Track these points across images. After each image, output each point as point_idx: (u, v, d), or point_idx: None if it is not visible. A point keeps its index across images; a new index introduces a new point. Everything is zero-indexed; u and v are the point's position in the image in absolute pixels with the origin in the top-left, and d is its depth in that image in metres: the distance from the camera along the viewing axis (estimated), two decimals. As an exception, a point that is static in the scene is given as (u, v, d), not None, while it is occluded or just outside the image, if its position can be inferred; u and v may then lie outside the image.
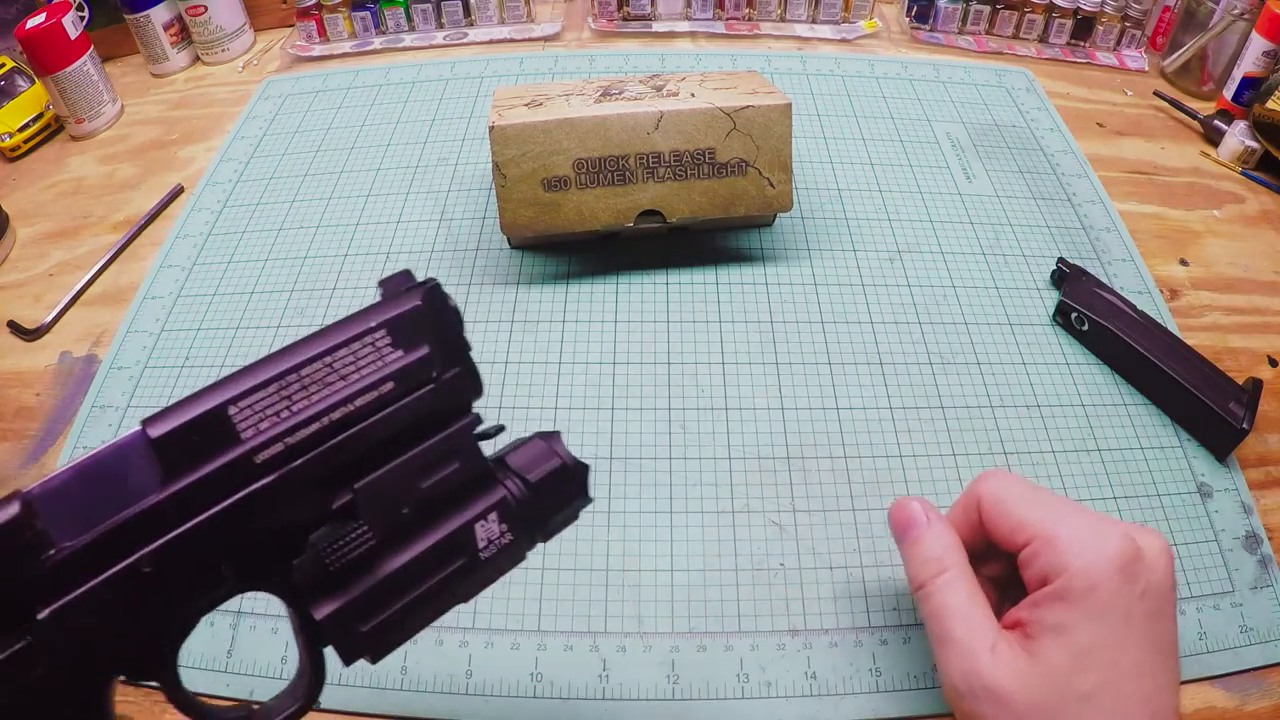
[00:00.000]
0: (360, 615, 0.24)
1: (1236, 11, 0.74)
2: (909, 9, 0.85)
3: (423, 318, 0.25)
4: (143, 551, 0.22)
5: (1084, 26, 0.83)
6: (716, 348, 0.55)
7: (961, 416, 0.51)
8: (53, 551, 0.21)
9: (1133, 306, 0.54)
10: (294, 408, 0.23)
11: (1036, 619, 0.32)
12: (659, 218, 0.55)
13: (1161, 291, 0.60)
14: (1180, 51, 0.79)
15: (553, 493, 0.28)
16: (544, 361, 0.54)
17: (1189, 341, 0.53)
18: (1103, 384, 0.54)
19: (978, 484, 0.36)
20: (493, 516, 0.26)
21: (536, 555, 0.45)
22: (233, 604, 0.42)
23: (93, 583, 0.21)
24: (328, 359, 0.24)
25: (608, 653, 0.42)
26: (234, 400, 0.22)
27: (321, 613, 0.24)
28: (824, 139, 0.70)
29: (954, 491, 0.48)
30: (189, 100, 0.80)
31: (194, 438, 0.22)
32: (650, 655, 0.42)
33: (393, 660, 0.41)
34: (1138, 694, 0.31)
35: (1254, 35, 0.72)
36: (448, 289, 0.26)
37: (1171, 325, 0.57)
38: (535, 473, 0.27)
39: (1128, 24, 0.82)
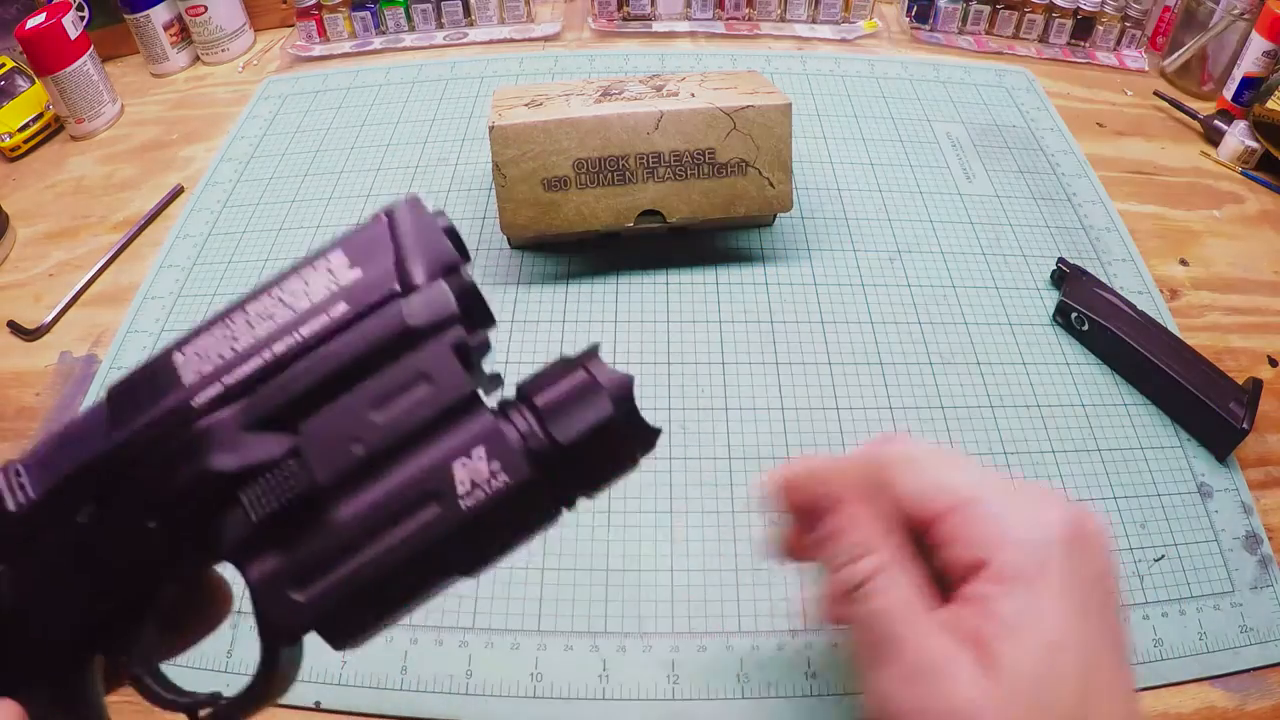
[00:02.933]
0: (300, 578, 0.20)
1: (1236, 11, 0.74)
2: (909, 9, 0.85)
3: (387, 230, 0.22)
4: (82, 504, 0.21)
5: (1084, 26, 0.83)
6: (716, 348, 0.55)
7: (961, 416, 0.51)
8: (12, 509, 0.21)
9: (1133, 306, 0.54)
10: (238, 346, 0.21)
11: (982, 614, 0.24)
12: (659, 218, 0.55)
13: (1161, 291, 0.60)
14: (1180, 51, 0.79)
15: (572, 421, 0.22)
16: (544, 361, 0.53)
17: (1189, 341, 0.53)
18: (1103, 384, 0.54)
19: (879, 446, 0.28)
20: (478, 452, 0.20)
21: (536, 555, 0.45)
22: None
23: (41, 538, 0.21)
24: (275, 290, 0.22)
25: (608, 653, 0.42)
26: (180, 345, 0.21)
27: (253, 574, 0.20)
28: (824, 139, 0.70)
29: (954, 491, 0.48)
30: (189, 100, 0.80)
31: (140, 386, 0.21)
32: (650, 655, 0.42)
33: (392, 660, 0.41)
34: (1121, 711, 0.24)
35: (1254, 35, 0.72)
36: None
37: (1171, 325, 0.57)
38: (546, 396, 0.22)
39: (1128, 24, 0.82)
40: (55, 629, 0.21)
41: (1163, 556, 0.46)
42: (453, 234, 0.22)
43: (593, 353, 0.23)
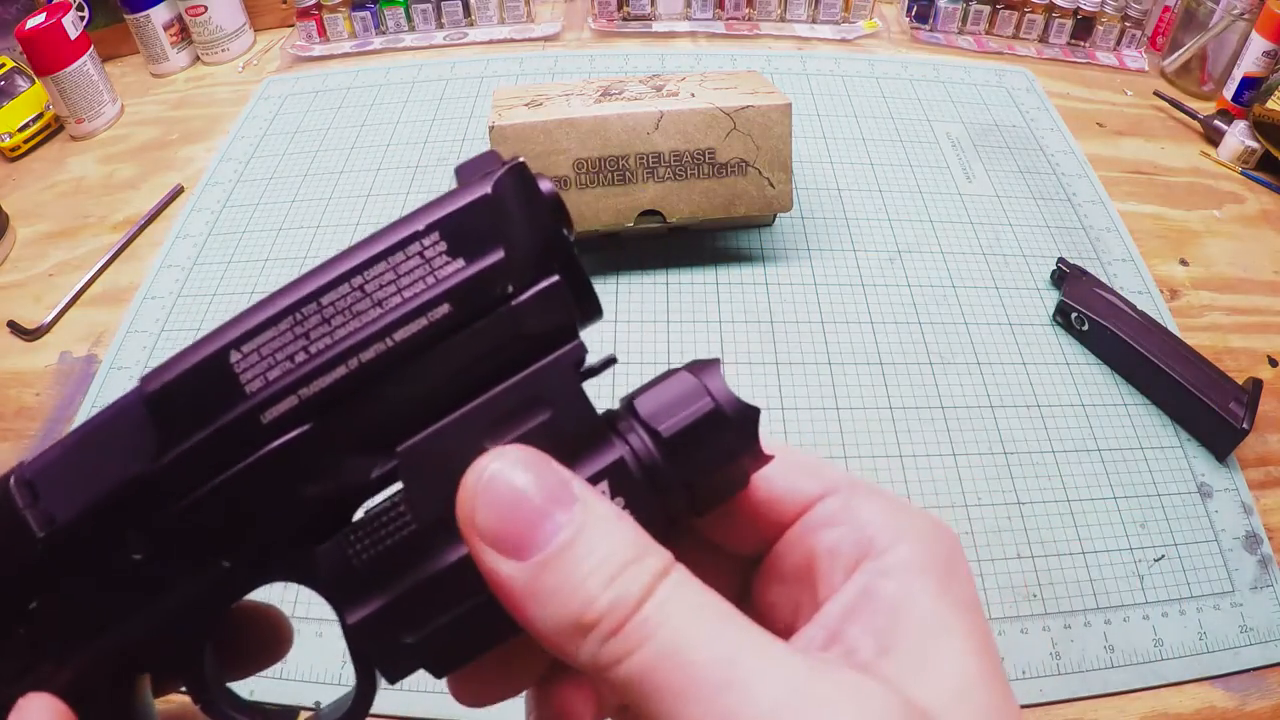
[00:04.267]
0: (407, 622, 0.18)
1: (1236, 11, 0.74)
2: (909, 9, 0.85)
3: (494, 212, 0.18)
4: (132, 535, 0.18)
5: (1084, 26, 0.83)
6: (717, 348, 0.55)
7: (961, 416, 0.51)
8: (44, 533, 0.18)
9: (1133, 306, 0.54)
10: (312, 349, 0.17)
11: (871, 618, 0.17)
12: (659, 218, 0.55)
13: (1161, 291, 0.60)
14: (1180, 51, 0.79)
15: (698, 451, 0.19)
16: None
17: (1189, 341, 0.53)
18: (1103, 384, 0.54)
19: None
20: (601, 488, 0.18)
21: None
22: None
23: (81, 566, 0.18)
24: (357, 280, 0.18)
25: (608, 653, 0.42)
26: (237, 343, 0.17)
27: (352, 617, 0.18)
28: (824, 139, 0.70)
29: (954, 491, 0.48)
30: (189, 100, 0.80)
31: (190, 394, 0.18)
32: (650, 655, 0.42)
33: (393, 660, 0.41)
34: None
35: (1254, 35, 0.72)
36: None
37: (1171, 325, 0.57)
38: (671, 422, 0.18)
39: (1128, 24, 0.82)
40: (96, 661, 0.19)
41: (1163, 556, 0.46)
42: (559, 207, 0.19)
43: (714, 370, 0.19)
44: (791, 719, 0.14)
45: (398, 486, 0.18)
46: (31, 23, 0.70)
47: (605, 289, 0.58)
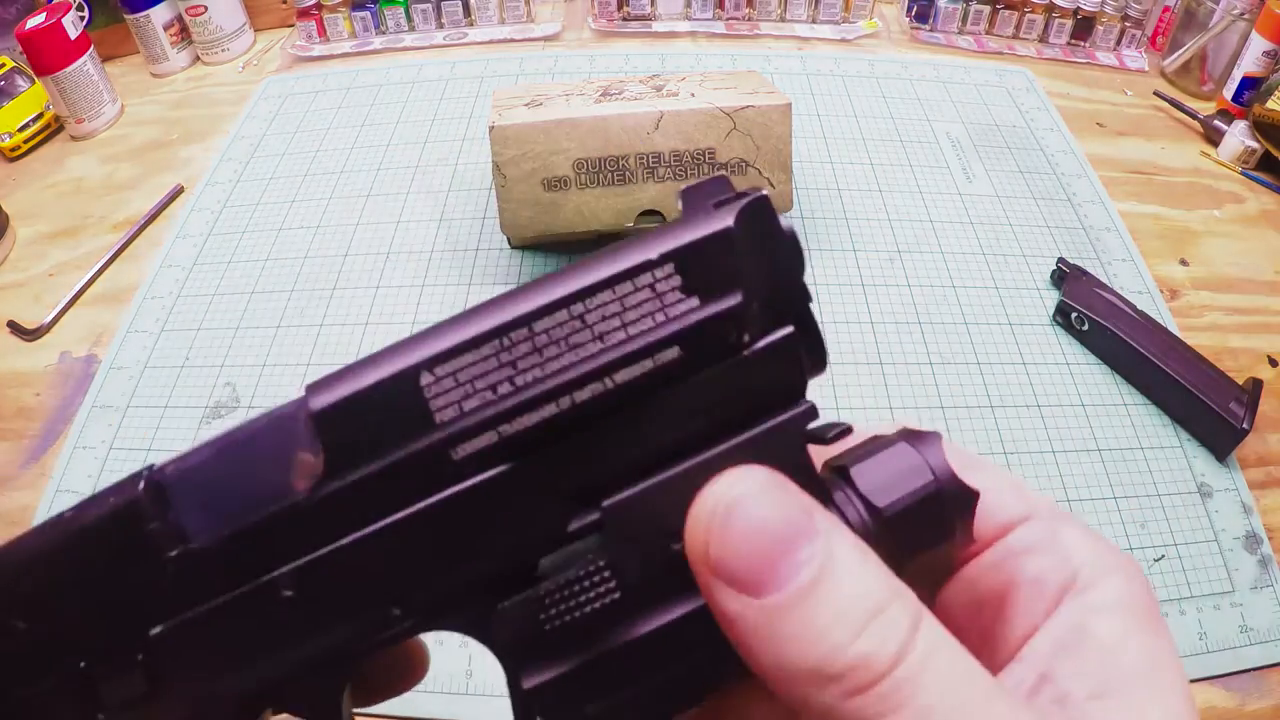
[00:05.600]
0: (586, 691, 0.16)
1: (1236, 11, 0.74)
2: (909, 9, 0.85)
3: (735, 249, 0.16)
4: (283, 569, 0.16)
5: (1084, 26, 0.83)
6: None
7: (961, 416, 0.51)
8: (176, 552, 0.16)
9: (1133, 306, 0.54)
10: (518, 380, 0.15)
11: (1078, 659, 0.16)
12: (659, 218, 0.55)
13: (1161, 291, 0.60)
14: (1180, 51, 0.79)
15: (916, 530, 0.17)
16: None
17: (1189, 341, 0.53)
18: (1103, 384, 0.54)
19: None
20: None
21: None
22: None
23: (218, 598, 0.16)
24: (577, 307, 0.15)
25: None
26: (430, 364, 0.15)
27: (531, 682, 0.16)
28: (824, 139, 0.70)
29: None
30: (189, 100, 0.80)
31: (369, 415, 0.15)
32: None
33: (393, 660, 0.41)
34: None
35: (1254, 35, 0.72)
36: (447, 289, 0.19)
37: (1171, 325, 0.57)
38: (893, 501, 0.17)
39: (1128, 24, 0.82)
40: (218, 699, 0.17)
41: (1163, 556, 0.46)
42: (798, 249, 0.17)
43: (936, 445, 0.18)
44: None
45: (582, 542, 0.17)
46: (31, 23, 0.70)
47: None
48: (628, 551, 0.16)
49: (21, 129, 0.74)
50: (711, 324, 0.16)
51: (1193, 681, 0.42)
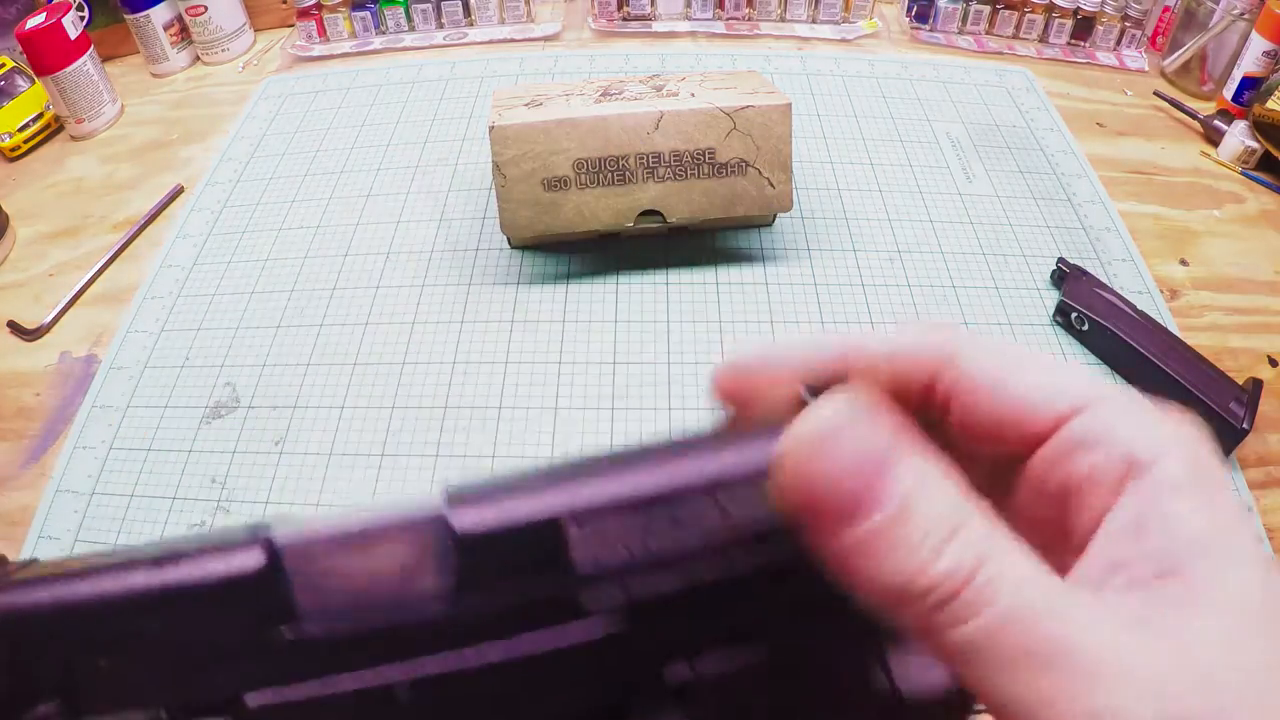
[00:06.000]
0: None
1: (1236, 11, 0.74)
2: (909, 9, 0.85)
3: None
4: (396, 676, 0.16)
5: (1084, 26, 0.83)
6: (716, 348, 0.55)
7: (961, 416, 0.51)
8: (286, 628, 0.15)
9: (1133, 306, 0.54)
10: (651, 545, 0.16)
11: (1168, 556, 0.16)
12: (659, 218, 0.55)
13: (1161, 291, 0.60)
14: (1180, 51, 0.79)
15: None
16: (544, 361, 0.54)
17: (1189, 341, 0.53)
18: (1103, 384, 0.54)
19: (934, 342, 0.19)
20: None
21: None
22: None
23: (327, 688, 0.16)
24: (720, 494, 0.16)
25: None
26: (578, 518, 0.16)
27: None
28: (824, 139, 0.70)
29: (954, 491, 0.48)
30: (189, 100, 0.80)
31: (511, 547, 0.16)
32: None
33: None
34: None
35: (1254, 35, 0.72)
36: (447, 289, 0.20)
37: (1171, 325, 0.57)
38: (915, 689, 0.18)
39: (1128, 24, 0.82)
40: None
41: (1163, 556, 0.46)
42: None
43: None
44: (1126, 681, 0.15)
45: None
46: (31, 23, 0.70)
47: (605, 289, 0.58)
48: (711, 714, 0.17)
49: (21, 129, 0.74)
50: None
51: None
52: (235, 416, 0.52)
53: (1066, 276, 0.57)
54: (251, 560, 0.15)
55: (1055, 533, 0.18)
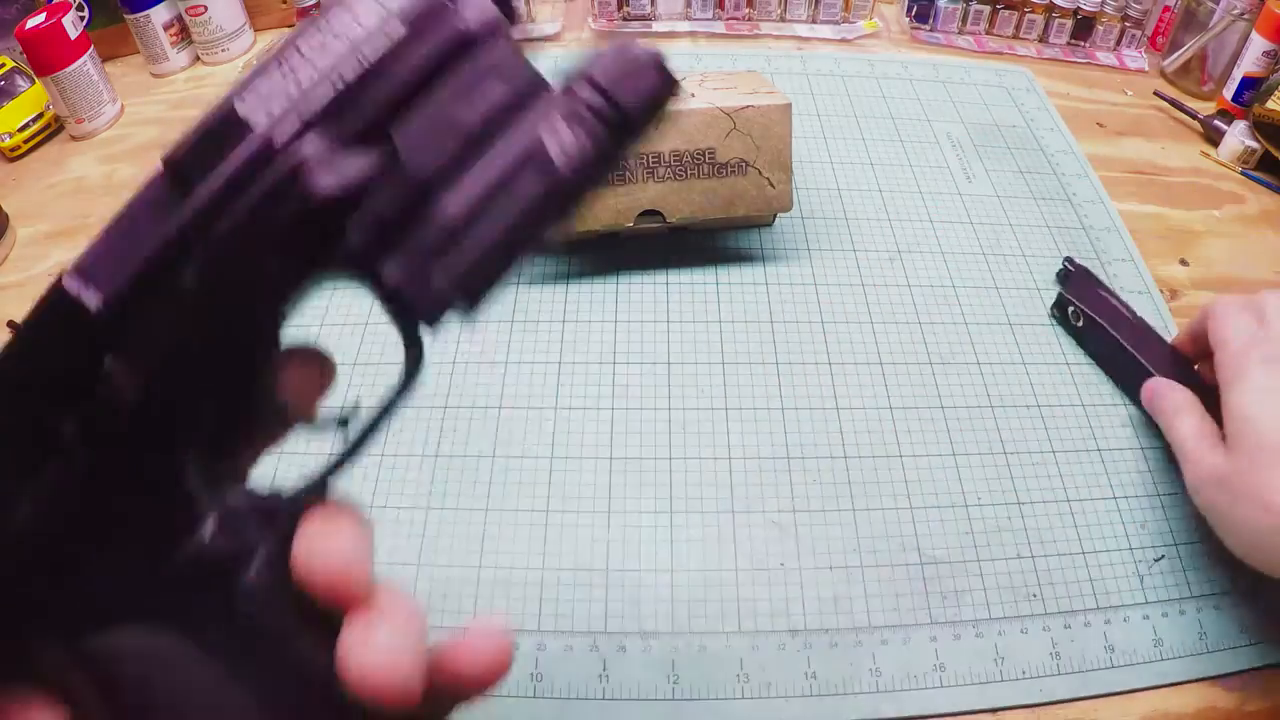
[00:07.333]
0: (436, 264, 0.23)
1: (1236, 11, 0.74)
2: (909, 9, 0.85)
3: None
4: (185, 269, 0.20)
5: (1084, 26, 0.83)
6: (716, 348, 0.55)
7: (961, 416, 0.51)
8: (95, 308, 0.21)
9: (1131, 311, 0.54)
10: (302, 80, 0.21)
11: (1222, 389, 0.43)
12: (659, 218, 0.55)
13: (1162, 291, 0.60)
14: (1180, 51, 0.79)
15: (624, 86, 0.23)
16: (544, 361, 0.54)
17: (1189, 341, 0.53)
18: (1102, 383, 0.54)
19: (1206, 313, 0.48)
20: (560, 124, 0.23)
21: (536, 555, 0.45)
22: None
23: (144, 315, 0.20)
24: (321, 27, 0.22)
25: (608, 653, 0.42)
26: (238, 93, 0.20)
27: (393, 278, 0.22)
28: (824, 139, 0.70)
29: (954, 491, 0.48)
30: (189, 100, 0.80)
31: (206, 144, 0.20)
32: (650, 655, 0.42)
33: (393, 660, 0.41)
34: None
35: (1254, 35, 0.72)
36: None
37: (1172, 325, 0.57)
38: (600, 70, 0.24)
39: (1128, 24, 0.83)
40: (192, 419, 0.22)
41: (1163, 556, 0.46)
42: None
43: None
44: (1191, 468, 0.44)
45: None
46: (31, 23, 0.70)
47: (605, 289, 0.58)
48: (420, 155, 0.21)
49: (21, 129, 0.74)
50: (419, 2, 0.22)
51: (1193, 682, 0.42)
52: (235, 416, 0.52)
53: (1071, 275, 0.57)
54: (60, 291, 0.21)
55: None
